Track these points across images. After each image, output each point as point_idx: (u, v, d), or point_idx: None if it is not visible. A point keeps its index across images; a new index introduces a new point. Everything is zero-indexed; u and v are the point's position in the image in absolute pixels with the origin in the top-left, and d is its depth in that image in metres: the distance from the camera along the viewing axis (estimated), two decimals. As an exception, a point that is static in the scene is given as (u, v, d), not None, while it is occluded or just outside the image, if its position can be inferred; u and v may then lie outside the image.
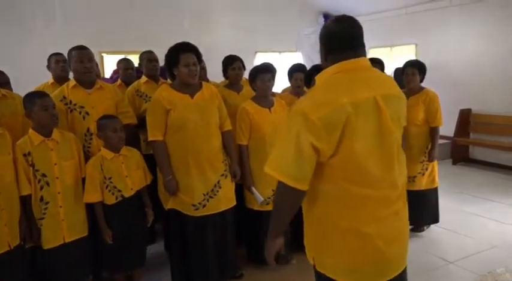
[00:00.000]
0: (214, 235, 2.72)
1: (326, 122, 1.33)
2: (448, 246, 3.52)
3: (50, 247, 2.33)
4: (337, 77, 1.45)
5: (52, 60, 3.50)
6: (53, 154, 2.33)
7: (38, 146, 2.29)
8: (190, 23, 7.32)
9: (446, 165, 6.05)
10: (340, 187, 1.41)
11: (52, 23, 6.29)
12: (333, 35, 1.49)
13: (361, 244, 1.44)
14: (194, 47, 2.61)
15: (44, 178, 2.30)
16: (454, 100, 6.14)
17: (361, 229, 1.42)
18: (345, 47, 1.47)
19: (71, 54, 2.64)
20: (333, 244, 1.47)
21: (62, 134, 2.42)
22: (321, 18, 8.81)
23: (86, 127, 2.65)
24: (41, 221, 2.31)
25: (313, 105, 1.36)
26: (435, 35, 6.78)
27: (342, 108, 1.33)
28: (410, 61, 3.66)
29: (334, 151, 1.37)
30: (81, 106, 2.65)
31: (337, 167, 1.39)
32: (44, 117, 2.29)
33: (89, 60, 2.63)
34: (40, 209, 2.31)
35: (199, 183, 2.61)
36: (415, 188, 3.56)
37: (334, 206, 1.43)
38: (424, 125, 3.55)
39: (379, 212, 1.45)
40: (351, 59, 1.46)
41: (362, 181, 1.40)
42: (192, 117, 2.56)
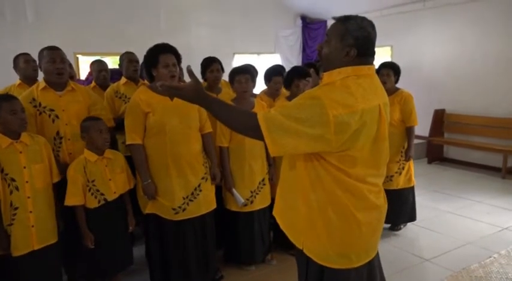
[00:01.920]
0: (195, 238, 2.70)
1: (338, 122, 1.35)
2: (424, 244, 3.60)
3: (19, 254, 2.23)
4: (354, 79, 1.46)
5: (20, 61, 3.37)
6: (22, 157, 2.24)
7: (6, 148, 2.20)
8: (167, 24, 7.28)
9: (421, 164, 6.20)
10: (336, 176, 1.47)
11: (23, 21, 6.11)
12: (370, 39, 1.49)
13: (353, 229, 1.52)
14: (174, 49, 2.59)
15: (13, 182, 2.20)
16: (428, 101, 6.32)
17: (355, 214, 1.51)
18: (372, 53, 1.52)
19: (42, 54, 2.55)
20: (327, 228, 1.52)
21: (32, 137, 2.33)
22: (299, 20, 8.91)
23: (56, 131, 2.57)
24: (10, 228, 2.21)
25: (333, 101, 1.36)
26: (410, 37, 6.94)
27: (357, 114, 1.38)
28: (385, 63, 3.73)
29: (335, 149, 1.41)
30: (51, 109, 2.57)
31: (332, 162, 1.45)
32: (11, 122, 2.20)
33: (61, 61, 2.55)
34: (9, 215, 2.21)
35: (179, 186, 2.59)
36: (392, 187, 3.63)
37: (335, 192, 1.49)
38: (400, 125, 3.63)
39: (371, 203, 1.55)
40: (368, 65, 1.51)
41: (355, 175, 1.48)
42: (171, 121, 2.53)
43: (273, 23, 8.42)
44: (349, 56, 1.47)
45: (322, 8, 8.28)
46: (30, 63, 3.36)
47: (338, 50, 1.49)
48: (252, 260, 3.12)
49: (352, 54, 1.47)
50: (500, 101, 5.77)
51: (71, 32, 6.21)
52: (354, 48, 1.46)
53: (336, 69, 1.49)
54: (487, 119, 5.89)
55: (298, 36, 8.96)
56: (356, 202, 1.51)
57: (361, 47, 1.47)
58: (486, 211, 4.29)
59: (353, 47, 1.46)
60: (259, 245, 3.08)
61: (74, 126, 2.57)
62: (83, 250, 2.52)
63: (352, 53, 1.47)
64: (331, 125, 1.34)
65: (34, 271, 2.30)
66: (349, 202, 1.50)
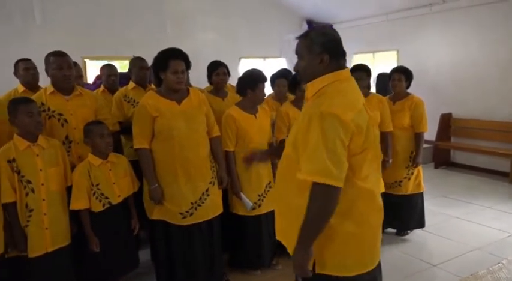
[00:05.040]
0: (202, 242, 2.70)
1: (357, 124, 1.44)
2: (432, 249, 3.58)
3: (33, 255, 2.27)
4: (339, 84, 1.53)
5: (20, 67, 3.36)
6: (38, 160, 2.29)
7: (23, 151, 2.25)
8: (173, 28, 7.31)
9: (428, 169, 6.16)
10: (354, 184, 1.50)
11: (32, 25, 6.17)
12: (337, 42, 1.56)
13: (368, 234, 1.57)
14: (184, 55, 2.59)
15: (29, 184, 2.25)
16: (435, 105, 6.27)
17: (369, 219, 1.56)
18: (343, 55, 1.58)
19: (49, 60, 2.56)
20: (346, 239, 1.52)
21: (47, 140, 2.38)
22: (305, 24, 8.90)
23: (65, 135, 2.60)
24: (25, 229, 2.26)
25: (342, 108, 1.43)
26: (416, 41, 6.93)
27: (362, 112, 1.50)
28: (398, 67, 3.74)
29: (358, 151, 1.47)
30: (60, 113, 2.59)
31: (353, 165, 1.47)
32: (28, 124, 2.24)
33: (68, 68, 2.57)
34: (25, 217, 2.26)
35: (187, 191, 2.59)
36: (401, 193, 3.62)
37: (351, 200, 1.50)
38: (409, 131, 3.62)
39: (377, 205, 1.61)
40: (344, 68, 1.58)
41: (367, 178, 1.53)
42: (179, 126, 2.54)
43: (279, 28, 8.43)
44: (324, 63, 1.53)
45: (328, 12, 8.29)
46: (30, 71, 3.33)
47: (311, 61, 1.55)
48: (260, 265, 3.11)
49: (325, 59, 1.53)
50: (508, 105, 5.74)
51: (79, 36, 6.25)
52: (324, 53, 1.53)
53: (318, 78, 1.55)
54: (495, 124, 5.85)
55: (304, 41, 8.95)
56: (369, 206, 1.56)
57: (331, 51, 1.53)
58: (494, 216, 4.25)
59: (323, 53, 1.53)
60: (267, 249, 3.07)
61: (81, 130, 2.58)
62: (88, 253, 2.53)
63: (325, 59, 1.53)
64: (354, 128, 1.42)
65: (47, 272, 2.34)
66: (364, 207, 1.53)
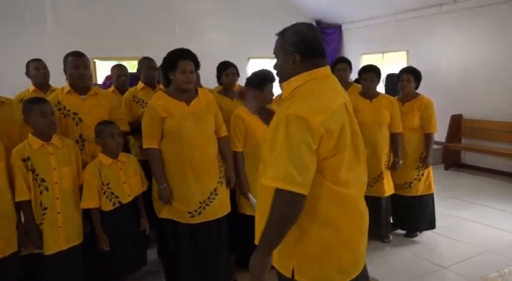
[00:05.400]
0: (210, 242, 2.72)
1: (327, 127, 1.37)
2: (441, 251, 3.55)
3: (49, 253, 2.31)
4: (313, 84, 1.48)
5: (31, 67, 3.46)
6: (52, 159, 2.33)
7: (37, 150, 2.29)
8: (182, 28, 7.35)
9: (438, 170, 6.11)
10: (328, 188, 1.45)
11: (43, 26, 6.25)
12: (310, 40, 1.51)
13: (349, 242, 1.51)
14: (193, 55, 2.62)
15: (43, 183, 2.29)
16: (445, 106, 6.23)
17: (350, 226, 1.51)
18: (319, 54, 1.53)
19: (67, 59, 2.64)
20: (325, 246, 1.47)
21: (61, 140, 2.42)
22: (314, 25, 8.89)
23: (79, 133, 2.64)
24: (40, 227, 2.30)
25: (310, 111, 1.37)
26: (425, 41, 6.89)
27: (335, 114, 1.41)
28: (406, 68, 3.72)
29: (329, 155, 1.41)
30: (75, 112, 2.64)
31: (325, 169, 1.43)
32: (42, 124, 2.28)
33: (84, 67, 2.63)
34: (39, 215, 2.30)
35: (196, 191, 2.61)
36: (411, 194, 3.61)
37: (328, 207, 1.45)
38: (419, 131, 3.60)
39: (359, 209, 1.56)
40: (322, 66, 1.52)
41: (345, 182, 1.47)
42: (188, 126, 2.56)
43: None
44: (296, 63, 1.50)
45: (337, 12, 8.27)
46: (40, 70, 3.45)
47: (285, 61, 1.53)
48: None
49: (297, 59, 1.49)
50: (520, 106, 5.67)
51: (89, 37, 6.32)
52: (296, 53, 1.49)
53: (293, 78, 1.51)
54: (506, 125, 5.80)
55: (313, 41, 8.94)
56: (348, 212, 1.50)
57: (302, 51, 1.49)
58: (505, 218, 4.21)
59: (295, 53, 1.49)
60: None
61: None
62: (97, 252, 2.55)
63: (297, 59, 1.49)
64: (323, 132, 1.36)
65: (61, 270, 2.37)
66: (344, 215, 1.48)
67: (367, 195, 3.60)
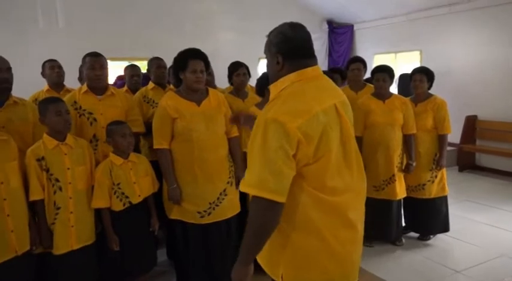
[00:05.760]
0: (219, 242, 2.73)
1: (305, 132, 1.31)
2: (456, 255, 3.51)
3: (59, 253, 2.34)
4: (300, 85, 1.43)
5: (46, 67, 3.54)
6: (66, 159, 2.36)
7: (52, 150, 2.32)
8: (192, 28, 7.38)
9: (452, 172, 6.04)
10: (312, 196, 1.40)
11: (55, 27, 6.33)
12: (292, 40, 1.46)
13: (338, 250, 1.44)
14: (203, 55, 2.64)
15: (57, 182, 2.32)
16: (459, 107, 6.16)
17: (338, 235, 1.44)
18: (305, 54, 1.47)
19: (85, 60, 2.69)
20: (309, 255, 1.43)
21: (76, 140, 2.45)
22: (325, 24, 8.88)
23: (93, 133, 2.68)
24: (52, 226, 2.33)
25: (289, 114, 1.32)
26: (439, 41, 6.83)
27: (317, 117, 1.34)
28: (419, 68, 3.69)
29: (311, 160, 1.36)
30: (90, 112, 2.68)
31: (308, 176, 1.38)
32: (57, 123, 2.32)
33: (100, 68, 2.67)
34: (52, 215, 2.33)
35: (206, 191, 2.63)
36: (424, 196, 3.58)
37: (312, 215, 1.40)
38: (432, 132, 3.56)
39: (348, 218, 1.46)
40: (310, 67, 1.46)
41: (331, 189, 1.41)
42: (198, 127, 2.58)
43: None
44: (279, 64, 1.46)
45: (349, 12, 8.24)
46: (55, 69, 3.52)
47: (271, 62, 1.50)
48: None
49: (280, 60, 1.46)
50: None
51: (100, 38, 6.38)
52: (278, 54, 1.46)
53: (279, 80, 1.47)
54: (522, 126, 5.70)
55: (324, 41, 8.93)
56: (337, 222, 1.44)
57: (284, 51, 1.45)
58: (521, 222, 4.14)
59: (277, 54, 1.46)
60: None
61: None
62: (107, 252, 2.58)
63: (280, 60, 1.46)
64: (301, 136, 1.30)
65: (72, 270, 2.40)
66: (330, 223, 1.43)
67: (377, 198, 3.63)
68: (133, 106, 2.95)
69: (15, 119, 2.42)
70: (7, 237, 2.10)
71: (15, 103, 2.46)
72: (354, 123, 3.49)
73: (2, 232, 2.08)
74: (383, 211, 3.46)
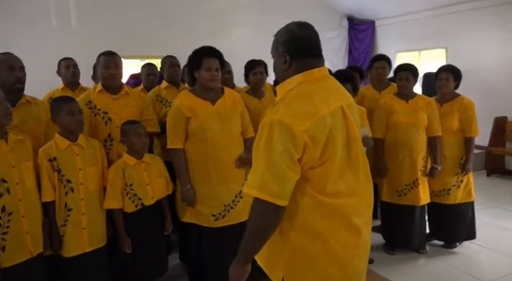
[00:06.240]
0: (234, 246, 2.73)
1: (312, 135, 1.34)
2: (482, 264, 3.45)
3: (70, 255, 2.38)
4: (306, 86, 1.45)
5: (62, 66, 3.64)
6: (78, 159, 2.39)
7: (64, 150, 2.36)
8: (207, 25, 7.42)
9: (479, 176, 5.93)
10: (315, 199, 1.42)
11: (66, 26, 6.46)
12: (300, 39, 1.49)
13: (342, 255, 1.46)
14: (219, 53, 2.66)
15: (68, 183, 2.36)
16: (488, 108, 6.04)
17: (340, 239, 1.46)
18: (313, 54, 1.51)
19: (99, 59, 2.74)
20: (310, 258, 1.46)
21: (87, 140, 2.49)
22: (345, 21, 8.83)
23: (107, 133, 2.72)
24: (63, 228, 2.36)
25: (295, 117, 1.34)
26: (466, 38, 6.72)
27: (324, 120, 1.37)
28: (445, 66, 3.64)
29: (316, 164, 1.38)
30: (105, 112, 2.72)
31: (312, 179, 1.41)
32: (70, 122, 2.36)
33: (114, 67, 2.71)
34: (63, 216, 2.36)
35: (221, 193, 2.64)
36: (449, 202, 3.53)
37: (315, 218, 1.43)
38: (458, 135, 3.51)
39: (352, 222, 1.48)
40: (317, 67, 1.49)
41: (335, 193, 1.43)
42: (213, 127, 2.59)
43: (317, 24, 8.06)
44: (287, 63, 1.49)
45: (370, 8, 8.17)
46: (70, 68, 3.61)
47: (278, 62, 1.53)
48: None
49: (287, 59, 1.49)
50: None
51: (113, 36, 6.45)
52: (285, 53, 1.49)
53: (286, 80, 1.50)
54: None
55: (344, 38, 8.88)
56: (339, 226, 1.46)
57: (291, 50, 1.48)
58: (554, 230, 4.05)
59: (285, 52, 1.49)
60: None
61: None
62: (119, 254, 2.61)
63: (287, 59, 1.49)
64: (307, 140, 1.33)
65: (84, 273, 2.43)
66: (333, 227, 1.45)
67: (399, 204, 3.58)
68: (148, 105, 2.99)
69: (28, 118, 2.47)
70: (22, 238, 2.14)
71: (28, 102, 2.51)
72: (375, 124, 3.51)
73: (17, 233, 2.12)
74: (406, 217, 3.43)
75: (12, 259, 2.10)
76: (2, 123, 2.09)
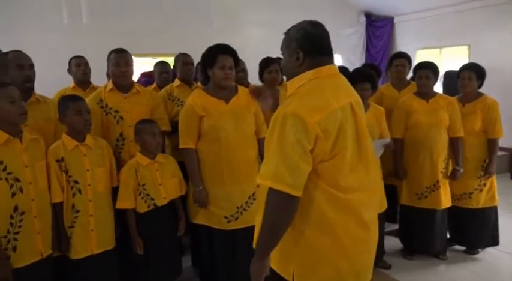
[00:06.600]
0: (247, 250, 2.73)
1: (324, 127, 1.42)
2: (506, 271, 3.40)
3: (78, 257, 2.40)
4: (317, 82, 1.54)
5: (72, 64, 3.68)
6: (86, 160, 2.41)
7: (71, 151, 2.38)
8: (219, 23, 7.43)
9: (503, 179, 5.83)
10: (326, 192, 1.49)
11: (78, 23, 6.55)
12: (313, 38, 1.57)
13: (352, 250, 1.54)
14: (233, 51, 2.67)
15: (76, 184, 2.38)
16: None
17: (351, 234, 1.53)
18: (324, 52, 1.60)
19: (110, 56, 2.77)
20: (321, 252, 1.52)
21: (95, 140, 2.51)
22: (362, 17, 8.78)
23: (119, 132, 2.75)
24: (70, 230, 2.38)
25: (308, 110, 1.42)
26: (490, 35, 6.63)
27: (335, 114, 1.46)
28: (467, 64, 3.60)
29: (327, 157, 1.46)
30: (116, 110, 2.75)
31: (323, 173, 1.48)
32: (77, 122, 2.37)
33: (125, 64, 2.74)
34: (71, 218, 2.38)
35: (233, 194, 2.65)
36: (471, 206, 3.49)
37: (326, 212, 1.50)
38: (481, 136, 3.46)
39: (362, 218, 1.56)
40: (327, 65, 1.58)
41: (346, 187, 1.51)
42: (226, 126, 2.60)
43: (334, 21, 8.22)
44: (299, 60, 1.57)
45: (388, 3, 8.10)
46: (81, 66, 3.64)
47: (289, 59, 1.61)
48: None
49: (300, 56, 1.56)
50: None
51: (124, 34, 6.50)
52: (298, 50, 1.56)
53: (297, 76, 1.58)
54: None
55: (362, 35, 8.83)
56: (349, 220, 1.53)
57: (305, 47, 1.56)
58: None
59: (298, 50, 1.57)
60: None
61: None
62: (131, 255, 2.63)
63: (300, 56, 1.56)
64: (319, 132, 1.41)
65: (92, 275, 2.45)
66: (343, 221, 1.52)
67: (419, 207, 3.56)
68: (159, 104, 3.02)
69: (38, 117, 2.50)
70: (34, 239, 2.17)
71: (37, 101, 2.54)
72: (394, 124, 3.49)
73: (29, 233, 2.15)
74: (426, 221, 3.39)
75: (23, 260, 2.13)
76: (17, 122, 2.13)
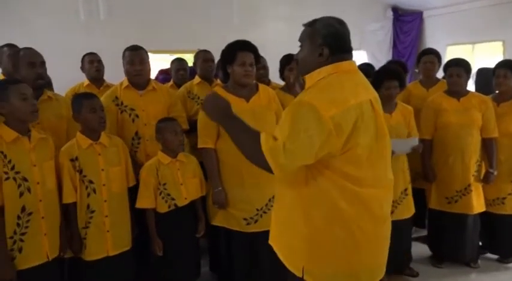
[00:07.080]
0: (267, 254, 2.72)
1: (337, 123, 1.46)
2: (543, 282, 3.32)
3: (92, 259, 2.41)
4: (336, 76, 1.59)
5: (86, 61, 3.73)
6: (100, 159, 2.43)
7: (85, 150, 2.39)
8: (240, 19, 7.44)
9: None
10: (341, 186, 1.56)
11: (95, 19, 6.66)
12: (341, 35, 1.64)
13: (361, 244, 1.59)
14: (253, 47, 2.67)
15: (90, 184, 2.39)
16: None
17: (363, 228, 1.59)
18: (347, 49, 1.66)
19: (125, 54, 2.79)
20: (335, 246, 1.58)
21: (110, 139, 2.52)
22: (389, 12, 8.69)
23: (135, 130, 2.77)
24: (85, 230, 2.40)
25: (325, 102, 1.47)
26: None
27: (350, 110, 1.50)
28: (503, 61, 3.54)
29: (338, 153, 1.51)
30: (132, 108, 2.78)
31: (337, 167, 1.54)
32: (91, 120, 2.39)
33: (140, 62, 2.75)
34: (85, 218, 2.40)
35: (253, 196, 2.65)
36: (504, 212, 3.42)
37: (340, 205, 1.56)
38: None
39: (378, 213, 1.63)
40: (347, 60, 1.64)
41: (361, 181, 1.57)
42: None
43: (359, 16, 8.24)
44: (323, 56, 1.62)
45: (417, -3, 8.01)
46: (94, 63, 3.70)
47: (311, 52, 1.65)
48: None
49: (325, 53, 1.61)
50: None
51: (142, 30, 6.61)
52: (324, 46, 1.61)
53: (316, 70, 1.63)
54: None
55: (388, 30, 8.75)
56: (363, 214, 1.58)
57: (332, 44, 1.61)
58: None
59: (324, 46, 1.61)
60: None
61: (152, 126, 2.72)
62: (149, 257, 2.66)
63: (325, 52, 1.61)
64: (332, 127, 1.45)
65: (107, 276, 2.47)
66: (356, 214, 1.57)
67: (450, 212, 3.50)
68: (176, 102, 3.03)
69: (50, 115, 2.54)
70: (40, 240, 2.18)
71: (49, 99, 2.58)
72: (423, 124, 3.46)
73: (35, 234, 2.16)
74: (456, 226, 3.33)
75: (29, 262, 2.15)
76: (28, 120, 2.16)
